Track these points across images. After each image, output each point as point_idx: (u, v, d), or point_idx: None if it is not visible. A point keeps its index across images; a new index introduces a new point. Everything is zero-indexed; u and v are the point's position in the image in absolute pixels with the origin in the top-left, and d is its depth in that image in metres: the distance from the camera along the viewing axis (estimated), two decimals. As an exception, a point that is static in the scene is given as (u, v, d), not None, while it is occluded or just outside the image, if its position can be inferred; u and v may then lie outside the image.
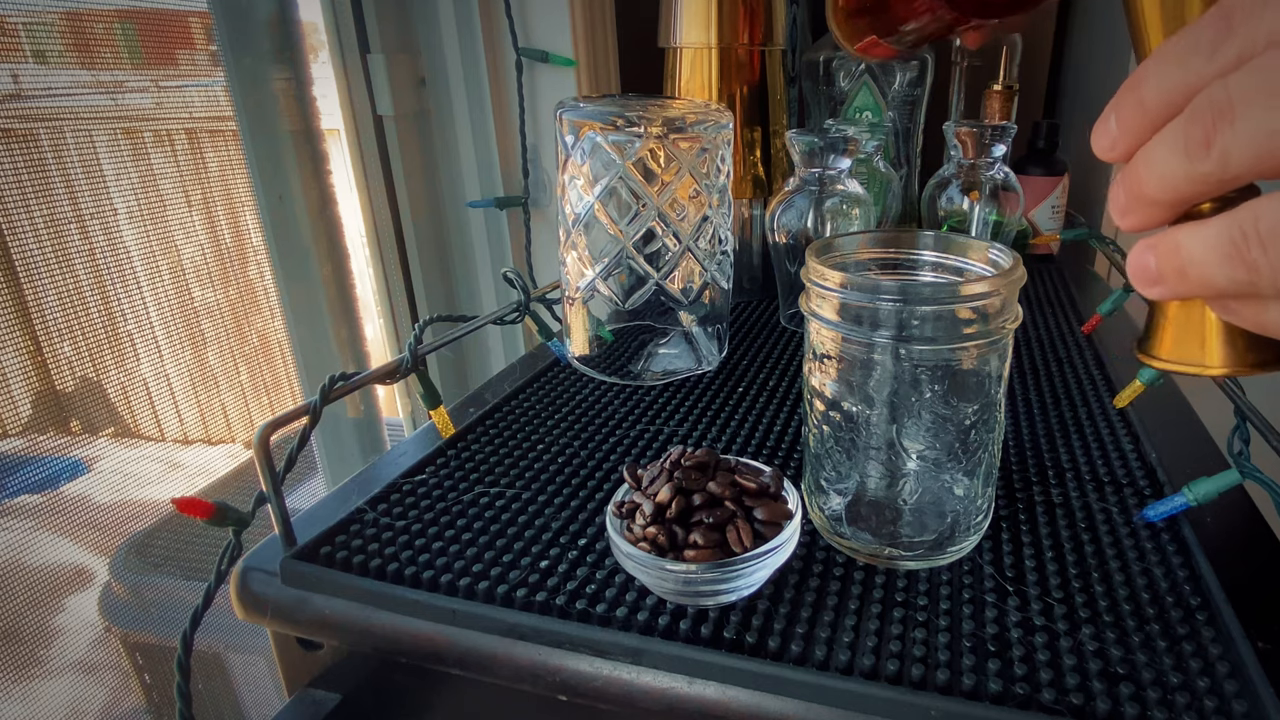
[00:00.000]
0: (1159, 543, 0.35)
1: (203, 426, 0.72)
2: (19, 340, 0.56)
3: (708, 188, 0.50)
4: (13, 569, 0.56)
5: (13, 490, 0.57)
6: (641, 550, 0.30)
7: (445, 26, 0.79)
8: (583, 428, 0.47)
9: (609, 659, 0.30)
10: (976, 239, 0.35)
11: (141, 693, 0.69)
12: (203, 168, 0.68)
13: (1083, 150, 0.93)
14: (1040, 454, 0.43)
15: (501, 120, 0.83)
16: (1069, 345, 0.59)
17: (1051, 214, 0.82)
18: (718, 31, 0.67)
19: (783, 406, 0.50)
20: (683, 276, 0.52)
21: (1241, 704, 0.26)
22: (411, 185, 0.84)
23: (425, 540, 0.36)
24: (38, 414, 0.58)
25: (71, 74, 0.58)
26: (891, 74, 0.73)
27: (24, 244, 0.55)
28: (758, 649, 0.29)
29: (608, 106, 0.48)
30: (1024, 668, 0.28)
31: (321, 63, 0.77)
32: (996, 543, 0.36)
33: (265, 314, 0.77)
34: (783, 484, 0.33)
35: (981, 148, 0.65)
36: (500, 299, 0.89)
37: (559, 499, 0.40)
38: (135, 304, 0.64)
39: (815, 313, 0.33)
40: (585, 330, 0.54)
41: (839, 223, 0.59)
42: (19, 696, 0.57)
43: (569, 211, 0.51)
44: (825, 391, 0.34)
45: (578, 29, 0.78)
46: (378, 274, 0.87)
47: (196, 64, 0.68)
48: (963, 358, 0.31)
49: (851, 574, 0.34)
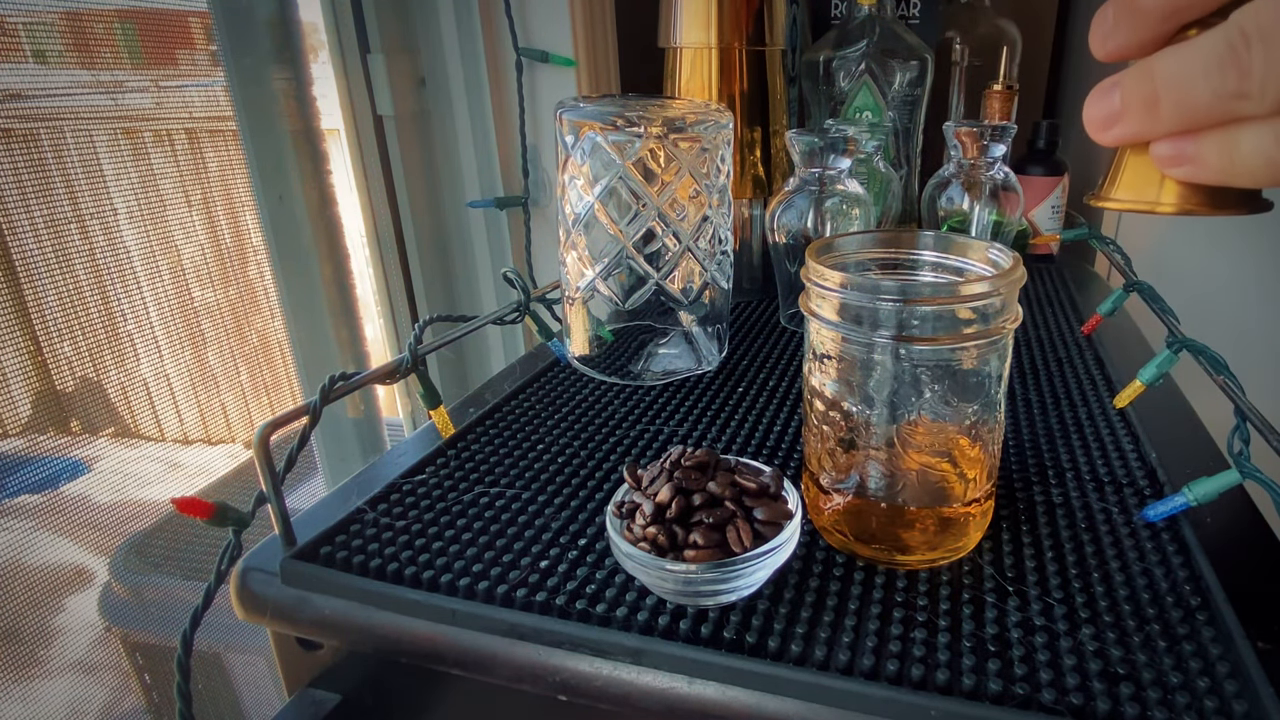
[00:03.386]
0: (1159, 543, 0.35)
1: (203, 426, 0.72)
2: (19, 340, 0.56)
3: (708, 188, 0.50)
4: (13, 569, 0.56)
5: (13, 490, 0.57)
6: (641, 550, 0.30)
7: (445, 26, 0.79)
8: (583, 428, 0.47)
9: (609, 659, 0.30)
10: (976, 239, 0.35)
11: (141, 693, 0.69)
12: (203, 168, 0.68)
13: (1083, 150, 0.93)
14: (1040, 454, 0.43)
15: (501, 120, 0.83)
16: (1069, 345, 0.59)
17: (1051, 214, 0.82)
18: (718, 31, 0.67)
19: (783, 406, 0.50)
20: (683, 276, 0.52)
21: (1241, 704, 0.26)
22: (411, 185, 0.84)
23: (425, 540, 0.36)
24: (38, 414, 0.58)
25: (71, 74, 0.58)
26: (891, 74, 0.73)
27: (24, 244, 0.55)
28: (758, 649, 0.29)
29: (608, 106, 0.48)
30: (1024, 668, 0.28)
31: (321, 63, 0.77)
32: (996, 543, 0.36)
33: (265, 314, 0.77)
34: (783, 484, 0.33)
35: (981, 148, 0.65)
36: (500, 299, 0.88)
37: (559, 499, 0.40)
38: (135, 304, 0.64)
39: (815, 313, 0.33)
40: (585, 330, 0.54)
41: (839, 223, 0.59)
42: (19, 696, 0.57)
43: (569, 211, 0.51)
44: (825, 391, 0.34)
45: (578, 29, 0.78)
46: (378, 274, 0.87)
47: (196, 64, 0.68)
48: (963, 358, 0.31)
49: (851, 574, 0.34)
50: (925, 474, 0.33)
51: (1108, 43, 0.21)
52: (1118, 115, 0.21)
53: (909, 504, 0.33)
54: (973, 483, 0.33)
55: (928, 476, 0.33)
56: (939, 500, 0.33)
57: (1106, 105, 0.21)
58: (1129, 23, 0.21)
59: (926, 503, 0.33)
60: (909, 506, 0.33)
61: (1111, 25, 0.21)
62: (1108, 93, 0.21)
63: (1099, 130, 0.21)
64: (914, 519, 0.33)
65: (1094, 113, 0.21)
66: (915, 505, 0.33)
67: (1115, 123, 0.21)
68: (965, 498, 0.33)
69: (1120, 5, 0.21)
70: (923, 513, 0.33)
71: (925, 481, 0.33)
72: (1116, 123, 0.21)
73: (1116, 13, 0.21)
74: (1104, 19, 0.21)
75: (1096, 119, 0.21)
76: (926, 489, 0.33)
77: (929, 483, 0.33)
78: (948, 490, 0.33)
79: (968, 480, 0.33)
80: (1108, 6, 0.21)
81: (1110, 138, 0.21)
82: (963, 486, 0.33)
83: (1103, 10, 0.21)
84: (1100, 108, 0.21)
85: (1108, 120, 0.21)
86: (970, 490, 0.33)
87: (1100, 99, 0.21)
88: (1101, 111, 0.21)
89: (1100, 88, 0.21)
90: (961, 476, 0.33)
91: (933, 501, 0.33)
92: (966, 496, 0.33)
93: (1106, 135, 0.21)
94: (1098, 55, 0.22)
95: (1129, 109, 0.20)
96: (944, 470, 0.33)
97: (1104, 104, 0.21)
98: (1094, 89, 0.21)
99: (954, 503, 0.33)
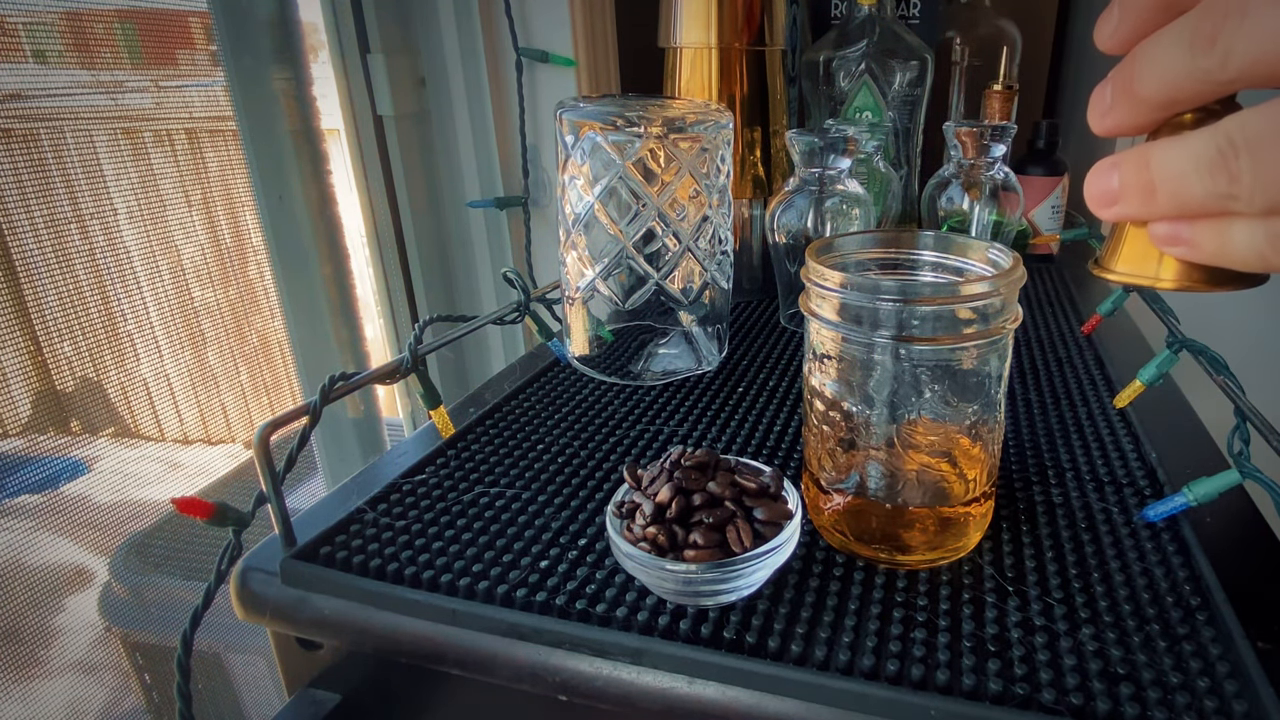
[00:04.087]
0: (1159, 543, 0.35)
1: (203, 426, 0.72)
2: (19, 340, 0.56)
3: (708, 188, 0.50)
4: (13, 569, 0.56)
5: (13, 490, 0.57)
6: (641, 550, 0.30)
7: (445, 26, 0.79)
8: (583, 428, 0.47)
9: (609, 659, 0.30)
10: (976, 239, 0.35)
11: (141, 693, 0.69)
12: (203, 168, 0.68)
13: (1083, 150, 0.93)
14: (1040, 454, 0.43)
15: (501, 120, 0.83)
16: (1069, 345, 0.59)
17: (1051, 214, 0.82)
18: (718, 31, 0.67)
19: (783, 406, 0.50)
20: (683, 276, 0.52)
21: (1241, 704, 0.26)
22: (411, 185, 0.84)
23: (425, 540, 0.36)
24: (38, 414, 0.58)
25: (71, 74, 0.58)
26: (891, 74, 0.73)
27: (24, 244, 0.55)
28: (758, 649, 0.29)
29: (608, 106, 0.48)
30: (1024, 668, 0.28)
31: (321, 63, 0.77)
32: (996, 543, 0.36)
33: (265, 314, 0.77)
34: (783, 484, 0.33)
35: (981, 148, 0.65)
36: (500, 299, 0.88)
37: (559, 499, 0.40)
38: (135, 304, 0.64)
39: (815, 313, 0.33)
40: (585, 330, 0.54)
41: (839, 223, 0.59)
42: (19, 696, 0.57)
43: (569, 211, 0.51)
44: (825, 391, 0.34)
45: (578, 29, 0.78)
46: (378, 274, 0.87)
47: (196, 64, 0.68)
48: (963, 358, 0.31)
49: (851, 574, 0.34)
50: (925, 474, 0.33)
51: (1105, 120, 0.22)
52: (1117, 196, 0.21)
53: (909, 504, 0.33)
54: (973, 483, 0.33)
55: (928, 476, 0.33)
56: (939, 500, 0.33)
57: (1106, 185, 0.22)
58: (1125, 106, 0.21)
59: (926, 503, 0.33)
60: (909, 506, 0.33)
61: (1109, 105, 0.22)
62: (1107, 173, 0.22)
63: (1099, 207, 0.22)
64: (914, 519, 0.33)
65: (1094, 191, 0.22)
66: (915, 505, 0.33)
67: (1115, 203, 0.22)
68: (965, 498, 0.33)
69: (1118, 88, 0.21)
70: (923, 513, 0.33)
71: (925, 481, 0.33)
72: (1116, 203, 0.22)
73: (1114, 94, 0.22)
74: (1102, 97, 0.22)
75: (1096, 197, 0.22)
76: (926, 489, 0.33)
77: (929, 483, 0.33)
78: (948, 490, 0.33)
79: (968, 480, 0.33)
80: (1106, 85, 0.22)
81: (1110, 215, 0.22)
82: (963, 486, 0.33)
83: (1101, 87, 0.22)
84: (1100, 186, 0.22)
85: (1108, 199, 0.22)
86: (970, 490, 0.33)
87: (1100, 178, 0.22)
88: (1102, 190, 0.22)
89: (1100, 167, 0.22)
90: (961, 476, 0.33)
91: (933, 501, 0.33)
92: (966, 496, 0.33)
93: (1106, 213, 0.22)
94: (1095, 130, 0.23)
95: (1127, 193, 0.21)
96: (944, 470, 0.33)
97: (1104, 184, 0.22)
98: (1095, 166, 0.22)
99: (954, 503, 0.33)
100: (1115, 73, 0.22)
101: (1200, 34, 0.19)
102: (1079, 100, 0.96)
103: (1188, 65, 0.19)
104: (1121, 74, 0.21)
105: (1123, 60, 0.21)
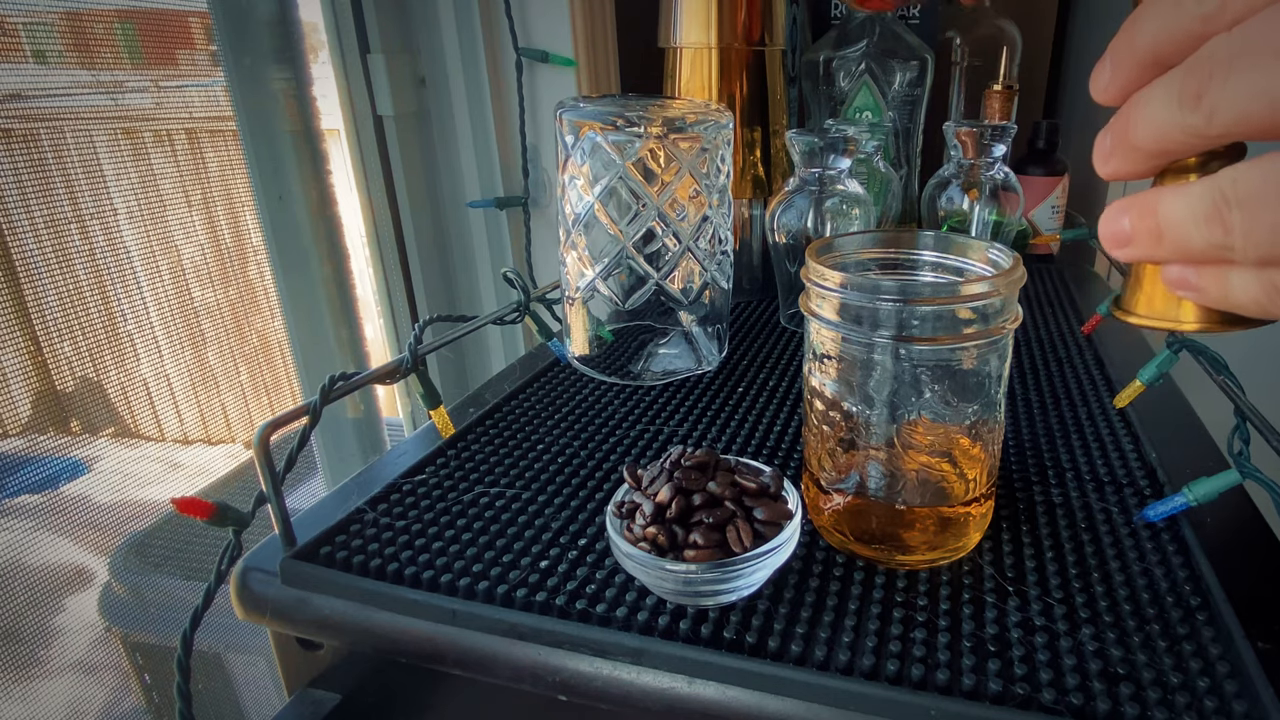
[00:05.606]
0: (1159, 543, 0.35)
1: (203, 426, 0.72)
2: (19, 340, 0.56)
3: (708, 188, 0.50)
4: (13, 569, 0.56)
5: (13, 490, 0.57)
6: (641, 550, 0.30)
7: (445, 26, 0.79)
8: (583, 428, 0.47)
9: (609, 659, 0.30)
10: (976, 239, 0.35)
11: (141, 693, 0.69)
12: (203, 168, 0.68)
13: (1083, 150, 0.93)
14: (1040, 454, 0.43)
15: (501, 120, 0.83)
16: (1069, 345, 0.59)
17: (1051, 214, 0.82)
18: (718, 31, 0.67)
19: (783, 406, 0.50)
20: (683, 276, 0.52)
21: (1241, 704, 0.26)
22: (411, 185, 0.84)
23: (425, 540, 0.36)
24: (38, 414, 0.58)
25: (71, 74, 0.58)
26: (891, 74, 0.73)
27: (24, 244, 0.55)
28: (758, 649, 0.29)
29: (608, 106, 0.48)
30: (1024, 668, 0.28)
31: (321, 63, 0.77)
32: (996, 543, 0.36)
33: (265, 314, 0.77)
34: (783, 484, 0.33)
35: (981, 148, 0.65)
36: (500, 299, 0.89)
37: (559, 499, 0.40)
38: (135, 304, 0.64)
39: (815, 313, 0.33)
40: (585, 330, 0.54)
41: (839, 223, 0.59)
42: (19, 696, 0.57)
43: (569, 211, 0.51)
44: (825, 391, 0.34)
45: (578, 29, 0.78)
46: (378, 274, 0.87)
47: (196, 64, 0.68)
48: (963, 358, 0.31)
49: (851, 574, 0.34)
50: (925, 474, 0.33)
51: (1106, 166, 0.23)
52: (1129, 239, 0.22)
53: (909, 504, 0.33)
54: (973, 483, 0.33)
55: (928, 476, 0.33)
56: (939, 500, 0.33)
57: (1118, 228, 0.22)
58: (1123, 155, 0.22)
59: (926, 503, 0.33)
60: (909, 506, 0.33)
61: (1109, 152, 0.23)
62: (1118, 217, 0.22)
63: (1112, 247, 0.23)
64: (914, 519, 0.33)
65: (1107, 232, 0.23)
66: (915, 505, 0.33)
67: (1127, 244, 0.22)
68: (965, 498, 0.33)
69: (1116, 138, 0.22)
70: (923, 513, 0.33)
71: (925, 481, 0.33)
72: (1128, 245, 0.22)
73: (1113, 143, 0.22)
74: (1103, 144, 0.23)
75: (1109, 239, 0.23)
76: (926, 489, 0.33)
77: (929, 483, 0.33)
78: (948, 490, 0.33)
79: (968, 480, 0.33)
80: (1106, 133, 0.22)
81: (1124, 256, 0.23)
82: (963, 486, 0.33)
83: (1102, 135, 0.23)
84: (1112, 229, 0.23)
85: (1120, 240, 0.23)
86: (970, 490, 0.33)
87: (1113, 220, 0.23)
88: (1114, 233, 0.23)
89: (1111, 210, 0.23)
90: (961, 476, 0.33)
91: (933, 501, 0.33)
92: (966, 496, 0.33)
93: (1120, 254, 0.23)
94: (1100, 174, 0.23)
95: (1138, 237, 0.22)
96: (944, 470, 0.33)
97: (1116, 226, 0.23)
98: (1108, 208, 0.23)
99: (954, 503, 0.33)
100: (1113, 122, 0.22)
101: (1187, 92, 0.19)
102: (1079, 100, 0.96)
103: (1178, 121, 0.20)
104: (1118, 124, 0.22)
105: (1119, 111, 0.22)
